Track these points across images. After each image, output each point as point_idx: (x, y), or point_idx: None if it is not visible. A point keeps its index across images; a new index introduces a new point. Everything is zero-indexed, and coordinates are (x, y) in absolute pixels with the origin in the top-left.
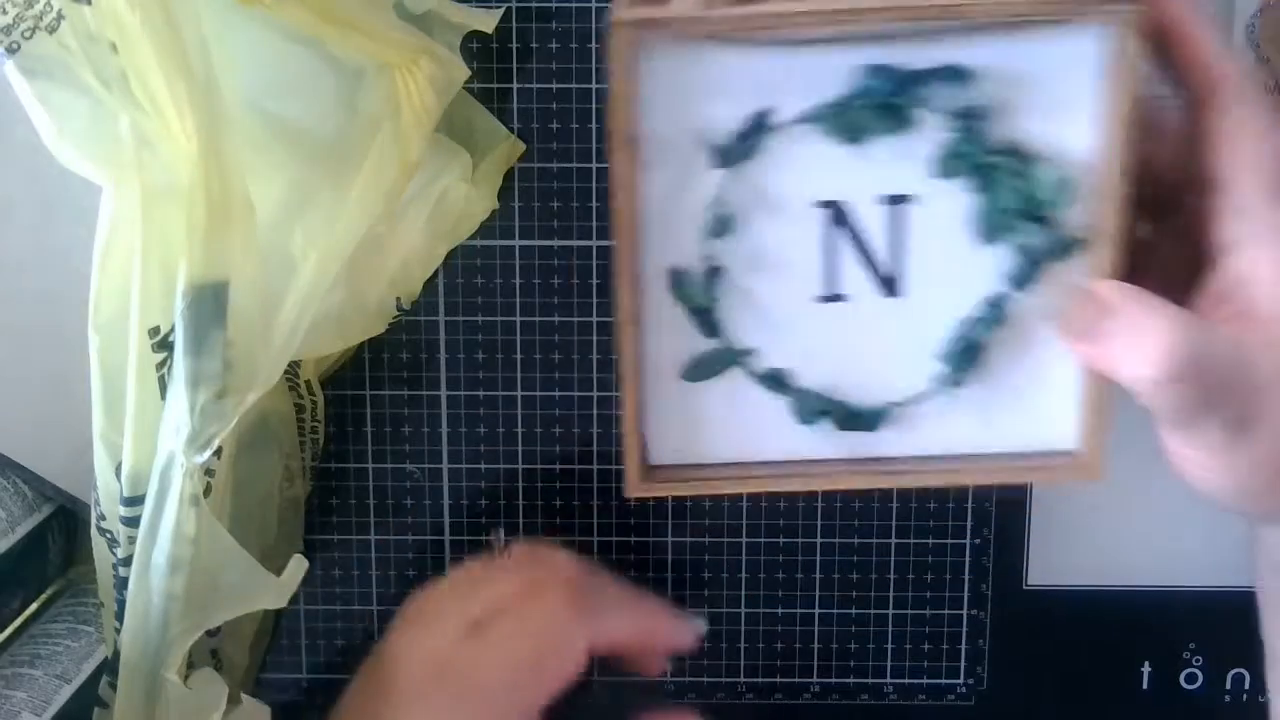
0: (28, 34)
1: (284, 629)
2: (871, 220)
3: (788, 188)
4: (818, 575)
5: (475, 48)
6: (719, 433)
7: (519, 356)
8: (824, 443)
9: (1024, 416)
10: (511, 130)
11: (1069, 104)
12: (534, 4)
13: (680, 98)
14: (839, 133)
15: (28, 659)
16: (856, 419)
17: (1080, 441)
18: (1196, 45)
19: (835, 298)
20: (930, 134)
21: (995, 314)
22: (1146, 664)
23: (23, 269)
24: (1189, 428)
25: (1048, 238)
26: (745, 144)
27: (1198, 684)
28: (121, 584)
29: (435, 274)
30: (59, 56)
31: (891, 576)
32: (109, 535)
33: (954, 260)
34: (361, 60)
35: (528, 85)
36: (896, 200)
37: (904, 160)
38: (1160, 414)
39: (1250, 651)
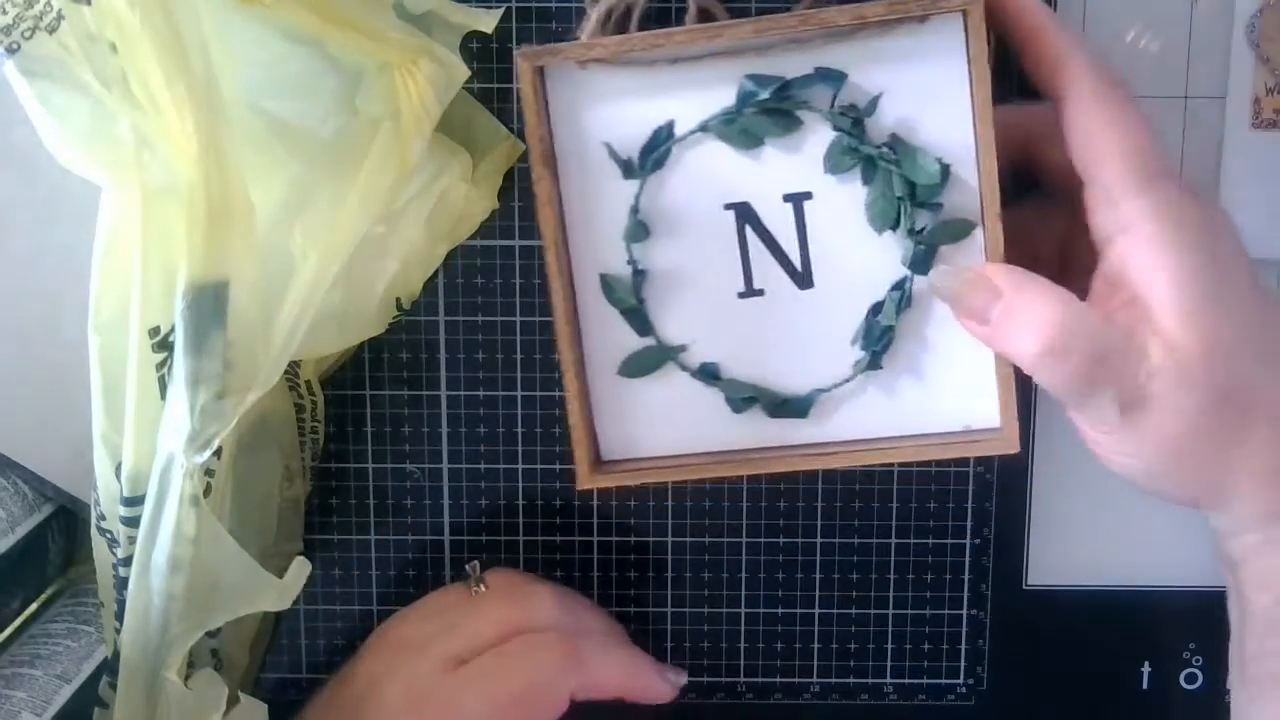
0: (28, 34)
1: (284, 629)
2: (777, 218)
3: (696, 193)
4: (818, 575)
5: (475, 48)
6: (660, 425)
7: (519, 356)
8: (758, 431)
9: (941, 395)
10: (511, 130)
11: (938, 94)
12: (534, 4)
13: (588, 119)
14: (735, 138)
15: (28, 659)
16: (785, 406)
17: (997, 415)
18: (1043, 43)
19: (754, 293)
20: (818, 133)
21: (901, 298)
22: (1146, 664)
23: (23, 269)
24: (1081, 406)
25: (937, 221)
26: (652, 155)
27: (1198, 684)
28: (121, 584)
29: (435, 274)
30: (59, 57)
31: (891, 576)
32: (109, 535)
33: (856, 250)
34: (361, 60)
35: None
36: (797, 198)
37: (798, 160)
38: (1052, 391)
39: None
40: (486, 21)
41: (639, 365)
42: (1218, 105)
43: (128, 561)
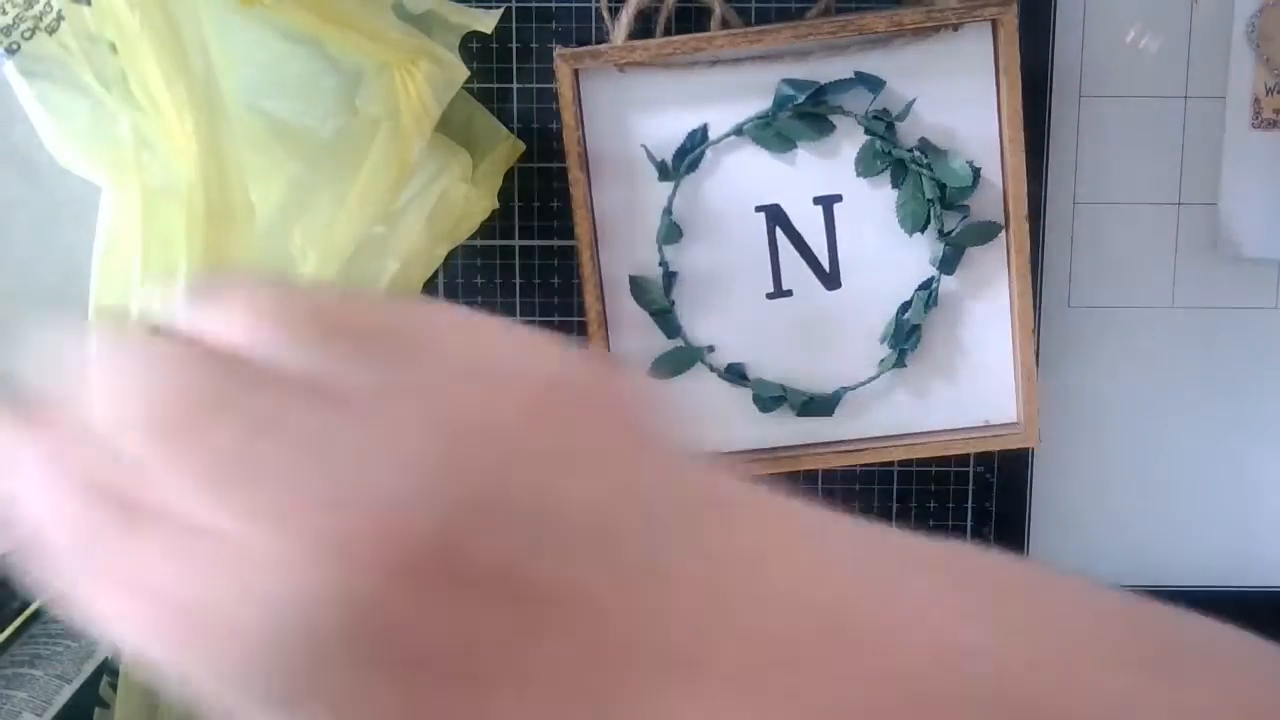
0: (28, 34)
1: None
2: (807, 220)
3: (729, 195)
4: None
5: (475, 48)
6: (688, 425)
7: None
8: (785, 429)
9: (962, 391)
10: (511, 130)
11: (968, 99)
12: (534, 4)
13: (624, 121)
14: (769, 142)
15: (28, 659)
16: (812, 405)
17: (1017, 411)
18: None
19: (783, 293)
20: (850, 137)
21: (928, 298)
22: None
23: (23, 269)
24: None
25: (966, 223)
26: (687, 158)
27: None
28: None
29: (435, 274)
30: (59, 57)
31: None
32: None
33: (885, 250)
34: (361, 60)
35: (528, 85)
36: (827, 200)
37: (830, 163)
38: None
39: None
40: (486, 22)
41: (668, 366)
42: (1218, 105)
43: None
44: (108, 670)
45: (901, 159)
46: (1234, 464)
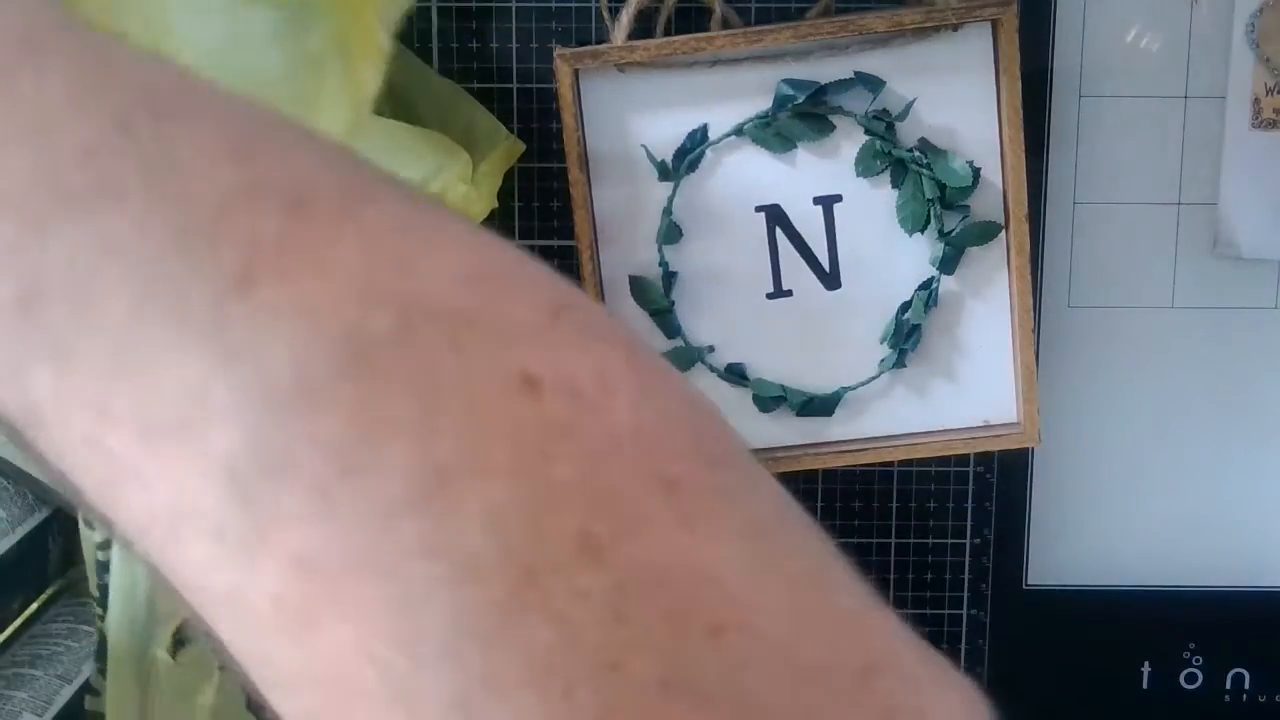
0: None
1: None
2: (807, 220)
3: (729, 195)
4: None
5: (475, 48)
6: None
7: None
8: (785, 430)
9: (962, 391)
10: (511, 130)
11: (968, 99)
12: (534, 4)
13: (624, 121)
14: (769, 142)
15: (28, 659)
16: (812, 405)
17: (1017, 412)
18: None
19: (782, 293)
20: (849, 137)
21: (928, 298)
22: (1146, 664)
23: None
24: None
25: (966, 223)
26: (687, 158)
27: (1198, 684)
28: (103, 568)
29: None
30: None
31: (891, 576)
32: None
33: (885, 251)
34: None
35: (528, 85)
36: (827, 200)
37: (830, 163)
38: None
39: (1250, 651)
40: None
41: None
42: (1218, 105)
43: (107, 545)
44: (96, 657)
45: (901, 159)
46: (1234, 464)
